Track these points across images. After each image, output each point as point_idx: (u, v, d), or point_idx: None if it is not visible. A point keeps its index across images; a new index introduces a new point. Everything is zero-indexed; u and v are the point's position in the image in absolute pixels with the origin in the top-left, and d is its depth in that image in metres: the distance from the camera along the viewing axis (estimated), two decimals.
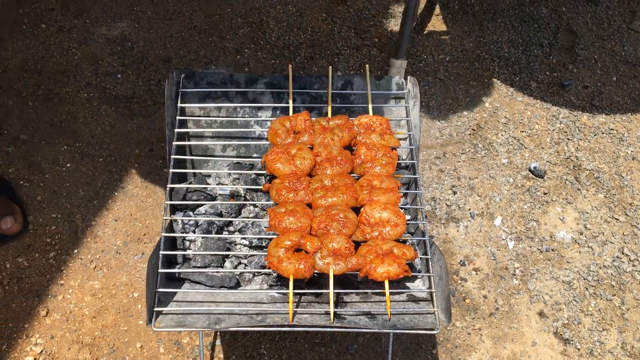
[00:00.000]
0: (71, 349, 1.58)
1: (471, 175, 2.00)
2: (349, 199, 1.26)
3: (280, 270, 1.17)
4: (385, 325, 1.17)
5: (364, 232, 1.24)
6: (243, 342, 1.62)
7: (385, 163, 1.34)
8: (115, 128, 1.98)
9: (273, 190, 1.29)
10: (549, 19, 2.48)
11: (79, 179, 1.86)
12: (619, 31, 2.48)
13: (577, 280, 1.81)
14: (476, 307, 1.74)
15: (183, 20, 2.29)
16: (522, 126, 2.15)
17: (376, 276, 1.17)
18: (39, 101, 2.01)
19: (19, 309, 1.62)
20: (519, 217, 1.92)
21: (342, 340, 1.64)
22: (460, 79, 2.26)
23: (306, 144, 1.36)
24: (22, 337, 1.58)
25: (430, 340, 1.67)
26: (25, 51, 2.13)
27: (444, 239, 1.86)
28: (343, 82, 1.51)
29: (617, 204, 1.97)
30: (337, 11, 2.40)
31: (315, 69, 2.21)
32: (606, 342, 1.70)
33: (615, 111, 2.23)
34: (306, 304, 1.23)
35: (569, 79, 2.30)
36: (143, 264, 1.72)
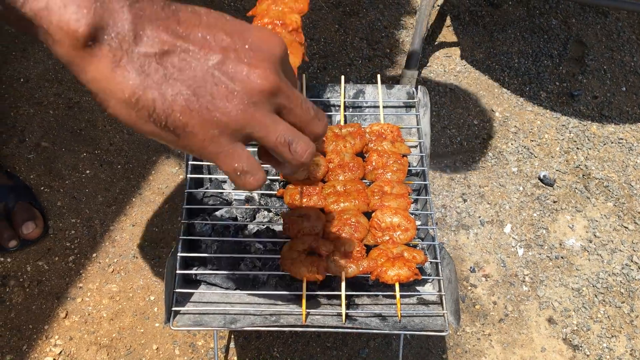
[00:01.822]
0: (89, 350, 1.62)
1: (481, 184, 2.03)
2: (360, 204, 1.30)
3: (294, 273, 1.21)
4: (396, 327, 1.20)
5: (375, 236, 1.28)
6: (256, 345, 1.65)
7: (396, 170, 1.37)
8: (133, 136, 2.04)
9: (287, 195, 1.33)
10: (558, 30, 2.51)
11: (98, 185, 1.91)
12: (629, 42, 2.50)
13: (586, 288, 1.83)
14: (486, 313, 1.76)
15: None
16: (531, 135, 2.18)
17: (387, 279, 1.20)
18: (59, 110, 2.07)
19: (39, 310, 1.67)
20: (528, 225, 1.95)
21: (354, 344, 1.67)
22: (471, 89, 2.30)
23: (319, 151, 1.40)
24: (42, 338, 1.63)
25: (441, 345, 1.69)
26: (46, 61, 2.19)
27: (454, 245, 1.88)
28: (355, 91, 1.56)
29: (627, 213, 1.99)
30: (350, 23, 2.45)
31: (328, 79, 2.26)
32: (615, 349, 1.72)
33: (625, 121, 2.26)
34: (319, 305, 1.26)
35: (579, 89, 2.33)
36: (159, 267, 1.76)
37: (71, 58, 0.55)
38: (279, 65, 0.63)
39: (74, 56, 0.55)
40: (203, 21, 0.60)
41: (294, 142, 0.64)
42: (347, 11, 2.49)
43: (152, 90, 0.56)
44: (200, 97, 0.58)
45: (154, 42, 0.56)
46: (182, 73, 0.57)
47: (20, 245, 1.75)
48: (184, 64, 0.58)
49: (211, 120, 0.59)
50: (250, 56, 0.60)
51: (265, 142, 0.63)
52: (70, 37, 0.53)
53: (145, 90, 0.56)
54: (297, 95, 0.64)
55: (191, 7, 0.61)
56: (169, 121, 0.58)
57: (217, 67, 0.59)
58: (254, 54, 0.60)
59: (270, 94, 0.61)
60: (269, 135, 0.63)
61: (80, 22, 0.53)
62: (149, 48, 0.56)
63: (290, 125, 0.65)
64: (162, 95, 0.57)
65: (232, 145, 0.61)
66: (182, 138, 0.60)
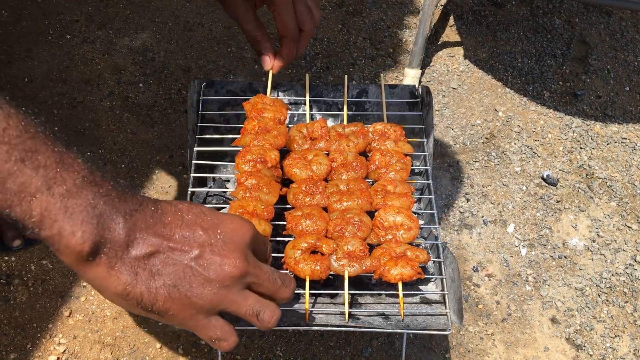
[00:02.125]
0: (93, 348, 1.62)
1: (484, 183, 2.03)
2: (363, 203, 1.30)
3: (297, 272, 1.21)
4: (399, 326, 1.20)
5: (378, 235, 1.28)
6: (259, 344, 1.65)
7: (399, 169, 1.37)
8: (137, 135, 2.04)
9: (290, 194, 1.33)
10: (562, 29, 2.51)
11: None
12: (632, 42, 2.50)
13: (589, 287, 1.82)
14: (489, 313, 1.76)
15: (203, 32, 2.36)
16: (535, 135, 2.18)
17: (390, 278, 1.21)
18: (63, 109, 2.08)
19: (43, 309, 1.68)
20: (531, 225, 1.95)
21: (357, 343, 1.67)
22: (474, 89, 2.30)
23: (322, 150, 1.41)
24: (46, 337, 1.63)
25: (444, 344, 1.69)
26: (50, 61, 2.20)
27: (457, 245, 1.89)
28: (358, 90, 1.56)
29: (630, 212, 1.99)
30: (353, 22, 2.45)
31: (331, 79, 2.26)
32: (618, 349, 1.72)
33: (628, 120, 2.25)
34: (321, 304, 1.27)
35: (582, 89, 2.33)
36: None
37: (75, 267, 0.69)
38: (248, 250, 0.78)
39: (77, 265, 0.68)
40: (185, 220, 0.74)
41: (261, 312, 0.79)
42: (351, 11, 2.49)
43: (140, 285, 0.70)
44: (180, 286, 0.72)
45: (143, 246, 0.70)
46: (166, 268, 0.71)
47: (25, 244, 1.75)
48: (168, 260, 0.71)
49: (189, 304, 0.73)
50: (222, 248, 0.74)
51: (236, 314, 0.78)
52: (76, 255, 0.66)
53: (134, 287, 0.70)
54: (264, 271, 0.80)
55: (174, 206, 0.75)
56: (154, 308, 0.71)
57: (195, 260, 0.73)
58: (226, 245, 0.75)
59: (239, 277, 0.75)
60: (239, 309, 0.77)
61: (84, 245, 0.66)
62: (139, 251, 0.70)
63: (259, 297, 0.79)
64: (148, 289, 0.70)
65: (207, 319, 0.76)
66: (165, 318, 0.74)
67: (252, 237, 0.79)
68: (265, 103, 1.40)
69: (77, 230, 0.65)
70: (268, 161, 1.31)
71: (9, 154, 0.62)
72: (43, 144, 0.66)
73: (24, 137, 0.64)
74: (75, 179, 0.66)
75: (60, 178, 0.65)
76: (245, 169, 1.30)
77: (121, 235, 0.68)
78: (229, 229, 0.76)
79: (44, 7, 2.36)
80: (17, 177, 0.62)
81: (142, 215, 0.71)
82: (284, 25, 1.28)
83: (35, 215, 0.63)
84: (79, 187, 0.66)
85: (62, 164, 0.66)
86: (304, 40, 1.34)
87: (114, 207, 0.69)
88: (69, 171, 0.67)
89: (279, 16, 1.27)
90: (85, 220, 0.66)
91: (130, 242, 0.69)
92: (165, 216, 0.73)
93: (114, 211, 0.68)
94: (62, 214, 0.64)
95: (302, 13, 1.28)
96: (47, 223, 0.64)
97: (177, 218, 0.74)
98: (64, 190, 0.65)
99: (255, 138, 1.35)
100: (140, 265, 0.70)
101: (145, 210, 0.72)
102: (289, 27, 1.28)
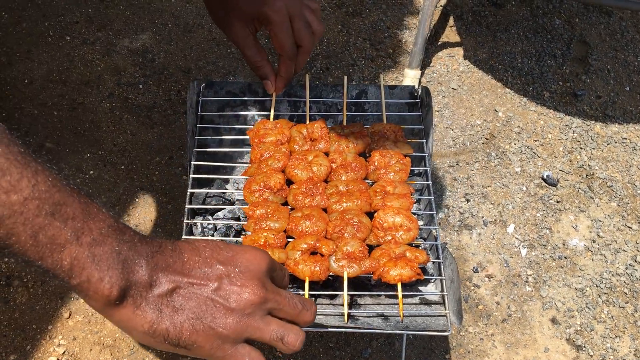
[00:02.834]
0: (93, 350, 1.62)
1: (484, 184, 2.03)
2: (363, 204, 1.30)
3: (297, 273, 1.21)
4: (398, 327, 1.20)
5: (377, 236, 1.28)
6: (259, 345, 1.65)
7: (398, 169, 1.37)
8: (137, 137, 2.04)
9: (290, 195, 1.33)
10: (562, 29, 2.51)
11: (102, 185, 1.92)
12: (632, 42, 2.50)
13: (589, 288, 1.82)
14: (489, 313, 1.76)
15: (203, 33, 2.36)
16: (535, 135, 2.18)
17: (389, 279, 1.20)
18: (63, 110, 2.08)
19: (43, 311, 1.68)
20: (531, 225, 1.94)
21: (356, 344, 1.67)
22: (474, 89, 2.30)
23: (322, 151, 1.41)
24: (46, 338, 1.63)
25: (444, 345, 1.69)
26: (50, 62, 2.20)
27: (457, 246, 1.88)
28: (358, 91, 1.56)
29: (630, 212, 1.99)
30: (353, 23, 2.45)
31: (331, 79, 2.26)
32: (619, 349, 1.71)
33: (629, 121, 2.25)
34: (321, 305, 1.26)
35: (582, 89, 2.32)
36: None
37: (103, 311, 0.72)
38: (265, 277, 0.81)
39: (106, 309, 0.72)
40: (202, 256, 0.78)
41: (285, 336, 0.81)
42: (350, 11, 2.49)
43: (164, 321, 0.73)
44: (203, 318, 0.75)
45: (165, 284, 0.74)
46: (188, 302, 0.75)
47: None
48: (190, 295, 0.75)
49: (214, 335, 0.76)
50: (240, 277, 0.78)
51: (261, 340, 0.81)
52: (105, 299, 0.70)
53: (159, 323, 0.73)
54: (284, 296, 0.82)
55: (192, 244, 0.79)
56: (180, 342, 0.75)
57: (215, 292, 0.76)
58: (244, 275, 0.78)
59: (259, 304, 0.78)
60: (263, 335, 0.81)
61: (112, 289, 0.69)
62: (161, 290, 0.73)
63: (281, 322, 0.82)
64: (173, 324, 0.74)
65: (234, 347, 0.78)
66: (193, 351, 0.77)
67: (268, 266, 0.82)
68: (268, 128, 1.42)
69: (104, 276, 0.69)
70: (273, 186, 1.32)
71: (39, 208, 0.65)
72: (69, 196, 0.69)
73: (52, 192, 0.67)
74: (101, 228, 0.70)
75: (88, 228, 0.69)
76: (252, 199, 1.31)
77: (144, 276, 0.72)
78: (244, 259, 0.79)
79: (44, 8, 2.36)
80: (47, 230, 0.66)
81: (162, 256, 0.75)
82: (280, 45, 1.32)
83: (65, 265, 0.67)
84: (104, 235, 0.70)
85: (89, 214, 0.70)
86: (303, 56, 1.37)
87: (137, 252, 0.72)
88: (95, 220, 0.70)
89: (275, 36, 1.31)
90: (111, 267, 0.69)
91: (152, 282, 0.73)
92: (183, 254, 0.77)
93: (136, 255, 0.72)
94: (90, 262, 0.68)
95: (300, 30, 1.31)
96: (77, 271, 0.68)
97: (195, 254, 0.77)
98: (91, 240, 0.68)
99: (259, 166, 1.37)
100: (164, 303, 0.73)
101: (164, 251, 0.76)
102: (285, 46, 1.32)
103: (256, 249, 0.84)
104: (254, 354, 0.81)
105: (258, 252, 0.83)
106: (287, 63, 1.35)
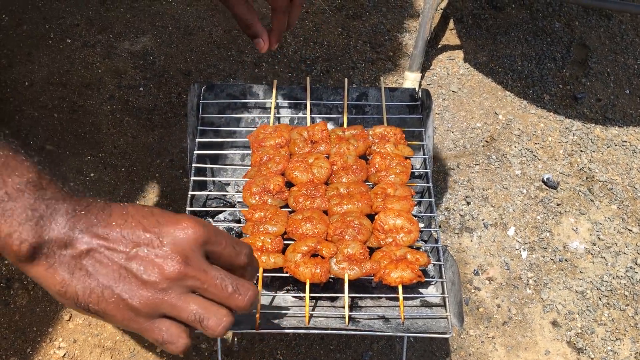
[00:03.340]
0: (93, 352, 1.62)
1: (485, 186, 2.03)
2: (363, 206, 1.30)
3: (297, 275, 1.21)
4: (399, 329, 1.20)
5: (378, 239, 1.28)
6: (260, 348, 1.65)
7: (399, 172, 1.37)
8: (137, 139, 2.04)
9: (291, 197, 1.33)
10: (562, 32, 2.51)
11: (102, 188, 1.92)
12: (632, 45, 2.50)
13: (590, 290, 1.82)
14: (490, 316, 1.76)
15: (203, 35, 2.36)
16: (535, 138, 2.18)
17: (390, 281, 1.20)
18: (63, 113, 2.08)
19: (43, 313, 1.67)
20: (532, 228, 1.94)
21: (357, 346, 1.67)
22: (474, 92, 2.30)
23: (323, 154, 1.41)
24: (46, 341, 1.63)
25: (444, 348, 1.69)
26: (51, 65, 2.21)
27: (457, 248, 1.88)
28: (358, 93, 1.56)
29: (631, 215, 1.99)
30: (353, 26, 2.46)
31: (331, 82, 2.27)
32: (619, 352, 1.71)
33: (629, 123, 2.25)
34: (322, 307, 1.26)
35: (582, 92, 2.33)
36: None
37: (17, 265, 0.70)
38: (193, 251, 0.74)
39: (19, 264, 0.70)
40: (129, 221, 0.73)
41: (205, 319, 0.74)
42: (351, 14, 2.50)
43: (75, 284, 0.70)
44: (114, 287, 0.71)
45: (81, 245, 0.70)
46: (101, 268, 0.71)
47: None
48: (103, 260, 0.71)
49: (126, 306, 0.72)
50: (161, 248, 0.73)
51: (179, 320, 0.75)
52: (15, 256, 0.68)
53: (69, 285, 0.70)
54: (211, 275, 0.75)
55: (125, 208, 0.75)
56: (90, 308, 0.71)
57: (130, 261, 0.72)
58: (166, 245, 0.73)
59: (176, 280, 0.73)
60: (181, 315, 0.74)
61: (21, 246, 0.67)
62: (76, 250, 0.70)
63: (206, 302, 0.75)
64: (83, 288, 0.70)
65: (150, 322, 0.74)
66: (105, 318, 0.73)
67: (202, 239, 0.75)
68: (267, 132, 1.43)
69: (13, 232, 0.67)
70: (273, 189, 1.32)
71: None
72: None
73: None
74: (17, 183, 0.68)
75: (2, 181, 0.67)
76: (252, 202, 1.32)
77: (60, 235, 0.69)
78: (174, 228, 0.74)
79: (45, 11, 2.37)
80: None
81: (86, 216, 0.71)
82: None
83: None
84: (19, 190, 0.68)
85: (6, 167, 0.68)
86: (295, 9, 1.30)
87: (56, 210, 0.70)
88: (12, 175, 0.68)
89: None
90: (22, 223, 0.67)
91: (69, 241, 0.70)
92: (110, 217, 0.73)
93: (55, 213, 0.69)
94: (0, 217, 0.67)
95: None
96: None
97: (122, 218, 0.73)
98: (2, 194, 0.67)
99: (259, 169, 1.37)
100: (77, 265, 0.70)
101: (90, 211, 0.72)
102: None
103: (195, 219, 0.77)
104: (174, 329, 0.75)
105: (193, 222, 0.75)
106: (280, 17, 1.27)
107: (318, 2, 2.53)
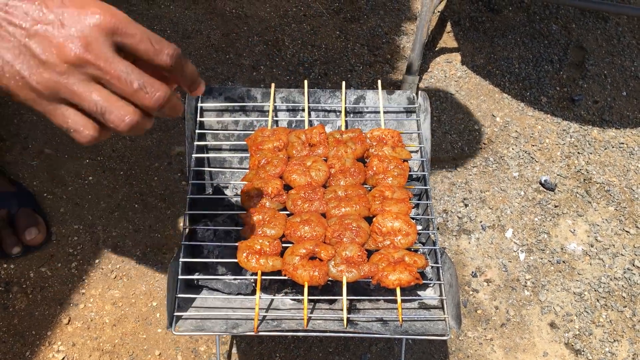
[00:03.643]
0: (92, 356, 1.62)
1: (482, 188, 2.04)
2: (361, 209, 1.31)
3: (296, 278, 1.21)
4: (397, 331, 1.20)
5: (376, 241, 1.28)
6: (258, 351, 1.65)
7: (396, 174, 1.38)
8: (136, 142, 2.05)
9: (289, 200, 1.34)
10: (559, 35, 2.52)
11: (101, 191, 1.92)
12: (629, 47, 2.51)
13: (588, 292, 1.83)
14: (488, 318, 1.76)
15: (201, 39, 2.37)
16: (532, 140, 2.18)
17: (388, 283, 1.21)
18: None
19: (42, 316, 1.67)
20: (530, 230, 1.95)
21: (356, 349, 1.67)
22: (471, 94, 2.31)
23: (321, 156, 1.41)
24: (45, 344, 1.63)
25: (443, 350, 1.69)
26: None
27: (455, 250, 1.89)
28: (356, 96, 1.56)
29: (628, 217, 1.99)
30: (351, 29, 2.46)
31: (329, 85, 2.27)
32: (617, 353, 1.72)
33: (626, 125, 2.26)
34: (320, 310, 1.27)
35: (579, 94, 2.33)
36: (162, 274, 1.77)
37: None
38: (98, 38, 0.71)
39: None
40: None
41: (107, 112, 0.72)
42: (348, 17, 2.51)
43: None
44: (14, 63, 0.69)
45: None
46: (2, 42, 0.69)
47: (23, 251, 1.76)
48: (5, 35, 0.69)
49: (25, 84, 0.70)
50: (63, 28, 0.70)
51: (81, 107, 0.73)
52: None
53: None
54: (114, 67, 0.72)
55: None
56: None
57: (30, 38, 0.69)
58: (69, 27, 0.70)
59: (75, 65, 0.70)
60: (82, 103, 0.72)
61: None
62: None
63: (111, 96, 0.72)
64: None
65: (53, 106, 0.72)
66: (11, 96, 0.72)
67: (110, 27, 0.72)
68: (265, 135, 1.43)
69: None
70: (271, 192, 1.33)
71: None
72: None
73: None
74: None
75: None
76: (250, 205, 1.32)
77: None
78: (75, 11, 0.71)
79: None
80: None
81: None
82: None
83: None
84: None
85: None
86: None
87: None
88: None
89: None
90: None
91: None
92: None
93: None
94: None
95: None
96: None
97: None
98: None
99: (257, 172, 1.38)
100: None
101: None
102: None
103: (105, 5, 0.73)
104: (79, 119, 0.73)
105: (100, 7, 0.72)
106: None
107: (316, 5, 2.54)
